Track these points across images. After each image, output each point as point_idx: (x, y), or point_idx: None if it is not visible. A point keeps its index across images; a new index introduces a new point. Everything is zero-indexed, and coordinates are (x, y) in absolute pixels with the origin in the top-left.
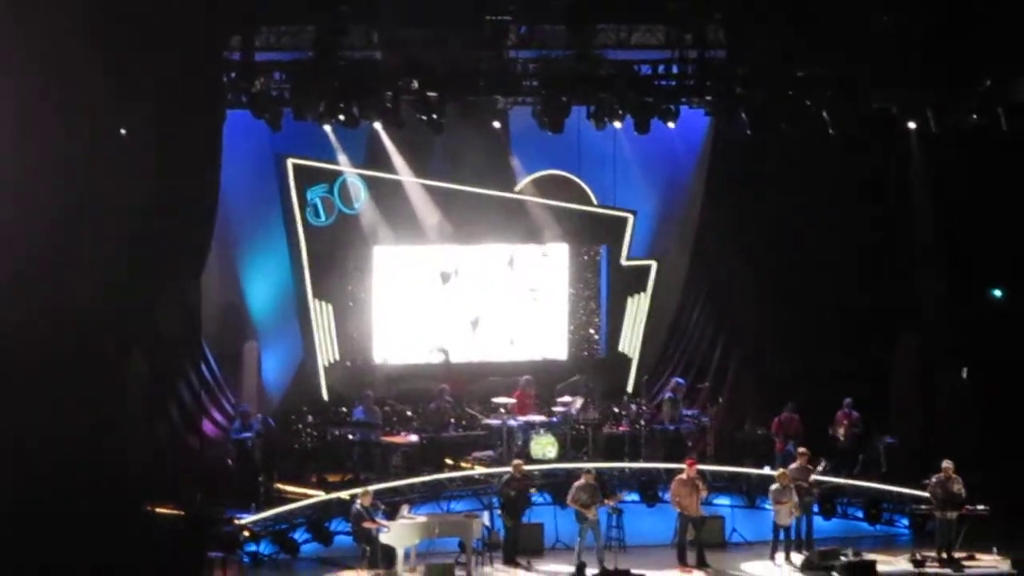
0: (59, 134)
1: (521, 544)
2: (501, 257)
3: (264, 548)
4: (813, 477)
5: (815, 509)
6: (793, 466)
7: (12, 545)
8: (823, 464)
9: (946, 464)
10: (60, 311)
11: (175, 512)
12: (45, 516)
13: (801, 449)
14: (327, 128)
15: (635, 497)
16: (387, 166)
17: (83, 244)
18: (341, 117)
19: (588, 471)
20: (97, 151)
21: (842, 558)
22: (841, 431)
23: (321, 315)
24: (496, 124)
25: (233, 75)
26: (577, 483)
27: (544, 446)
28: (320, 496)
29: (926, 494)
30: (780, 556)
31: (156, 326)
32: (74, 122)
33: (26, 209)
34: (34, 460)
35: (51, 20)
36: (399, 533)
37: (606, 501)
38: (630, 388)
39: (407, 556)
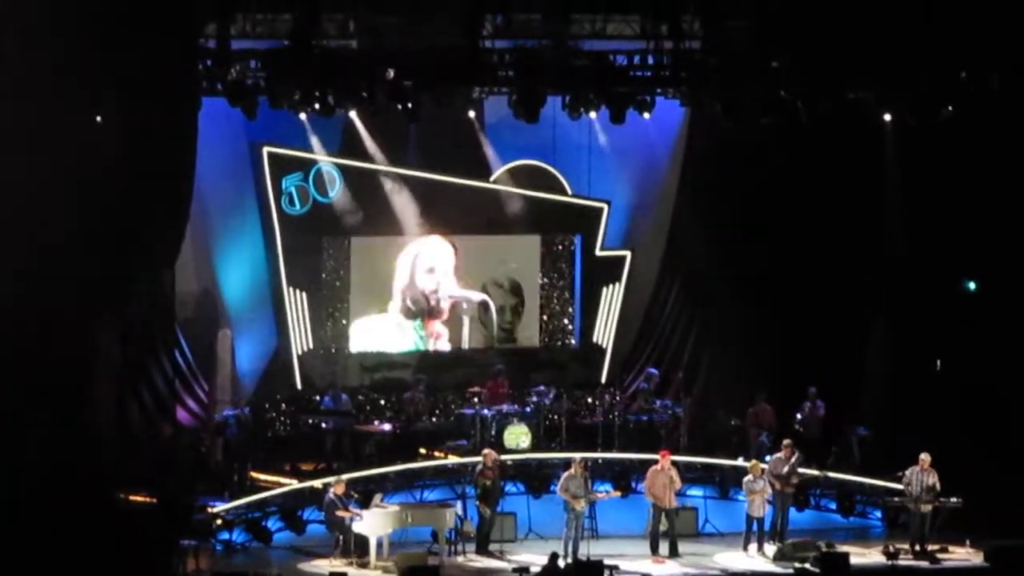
0: (34, 120)
1: (494, 534)
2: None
3: (237, 536)
4: (787, 468)
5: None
6: (775, 457)
7: None
8: (797, 456)
9: (923, 456)
10: (32, 298)
11: (147, 499)
12: (14, 502)
13: (786, 441)
14: (302, 116)
15: (608, 487)
16: (362, 155)
17: (56, 230)
18: (316, 106)
19: (579, 461)
20: (72, 137)
21: (815, 550)
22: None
23: (295, 304)
24: (471, 114)
25: (209, 63)
26: (567, 473)
27: (517, 436)
28: (293, 484)
29: (900, 486)
30: (753, 547)
31: (129, 313)
32: (49, 109)
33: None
34: (2, 446)
35: (25, 7)
36: (372, 522)
37: (597, 495)
38: (604, 378)
39: (380, 545)
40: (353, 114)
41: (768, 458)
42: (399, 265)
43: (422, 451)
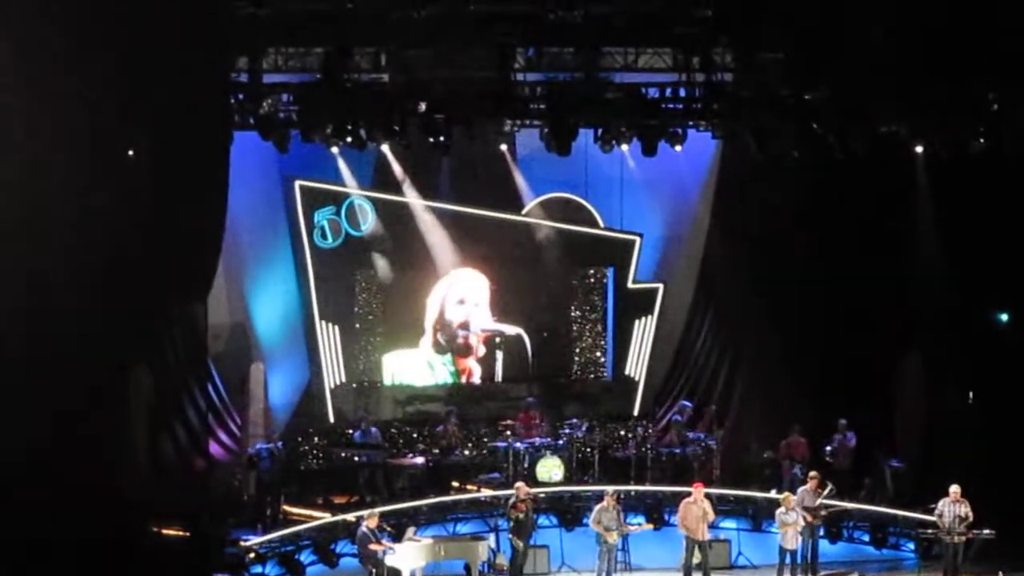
0: (68, 155)
1: (527, 567)
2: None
3: (270, 570)
4: (820, 501)
5: (820, 532)
6: (803, 489)
7: (14, 565)
8: (830, 488)
9: (954, 488)
10: (66, 331)
11: (180, 533)
12: (49, 536)
13: (812, 473)
14: (334, 150)
15: (640, 520)
16: (394, 188)
17: (90, 264)
18: (348, 139)
19: (611, 493)
20: (105, 172)
21: None
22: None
23: (327, 337)
24: (503, 147)
25: (241, 97)
26: (599, 505)
27: (550, 468)
28: (326, 518)
29: (932, 518)
30: None
31: (162, 346)
32: (82, 143)
33: (34, 229)
34: (37, 480)
35: (59, 42)
36: (405, 555)
37: (629, 528)
38: (636, 411)
39: None
40: (385, 147)
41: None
42: (430, 300)
43: (455, 484)
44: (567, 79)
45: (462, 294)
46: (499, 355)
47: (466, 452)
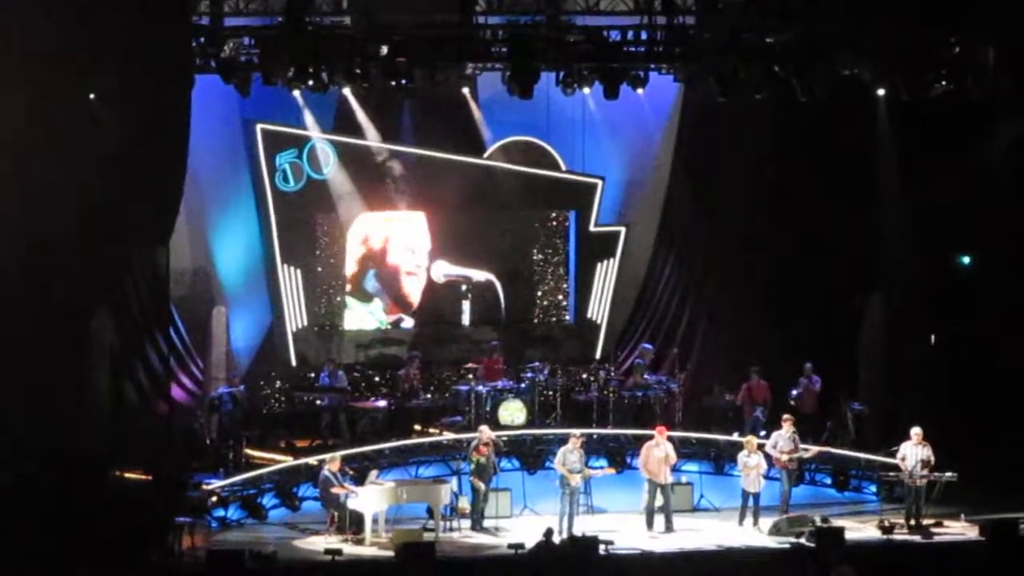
0: (28, 99)
1: (489, 510)
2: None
3: (232, 513)
4: (801, 444)
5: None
6: (778, 433)
7: None
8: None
9: (915, 430)
10: (26, 276)
11: (143, 476)
12: (9, 480)
13: (786, 416)
14: (296, 93)
15: (603, 463)
16: (356, 132)
17: (50, 208)
18: (310, 82)
19: (577, 435)
20: (66, 115)
21: (810, 525)
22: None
23: (290, 281)
24: (465, 90)
25: (202, 40)
26: (564, 447)
27: (512, 412)
28: (288, 461)
29: (894, 461)
30: (748, 522)
31: (123, 291)
32: (43, 87)
33: None
34: None
35: None
36: (367, 499)
37: (592, 472)
38: (598, 354)
39: (375, 521)
40: (347, 91)
41: (763, 433)
42: (350, 243)
43: (417, 428)
44: (529, 22)
45: (410, 240)
46: (465, 305)
47: (428, 396)
